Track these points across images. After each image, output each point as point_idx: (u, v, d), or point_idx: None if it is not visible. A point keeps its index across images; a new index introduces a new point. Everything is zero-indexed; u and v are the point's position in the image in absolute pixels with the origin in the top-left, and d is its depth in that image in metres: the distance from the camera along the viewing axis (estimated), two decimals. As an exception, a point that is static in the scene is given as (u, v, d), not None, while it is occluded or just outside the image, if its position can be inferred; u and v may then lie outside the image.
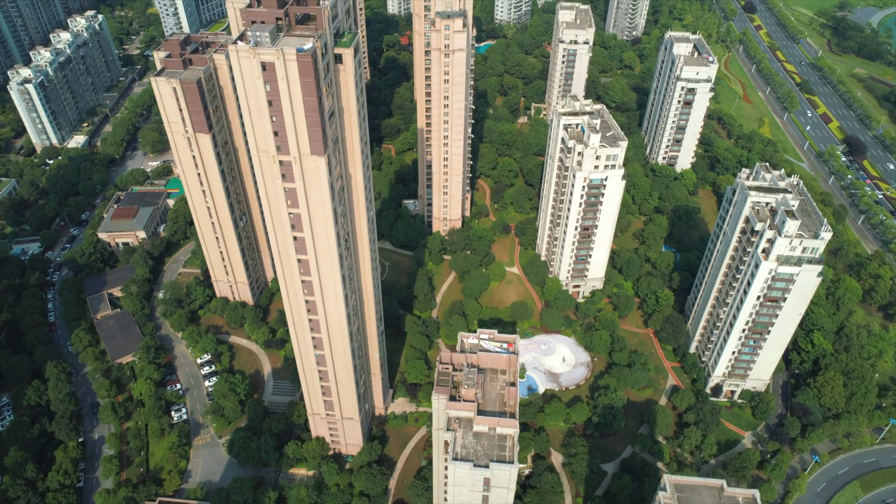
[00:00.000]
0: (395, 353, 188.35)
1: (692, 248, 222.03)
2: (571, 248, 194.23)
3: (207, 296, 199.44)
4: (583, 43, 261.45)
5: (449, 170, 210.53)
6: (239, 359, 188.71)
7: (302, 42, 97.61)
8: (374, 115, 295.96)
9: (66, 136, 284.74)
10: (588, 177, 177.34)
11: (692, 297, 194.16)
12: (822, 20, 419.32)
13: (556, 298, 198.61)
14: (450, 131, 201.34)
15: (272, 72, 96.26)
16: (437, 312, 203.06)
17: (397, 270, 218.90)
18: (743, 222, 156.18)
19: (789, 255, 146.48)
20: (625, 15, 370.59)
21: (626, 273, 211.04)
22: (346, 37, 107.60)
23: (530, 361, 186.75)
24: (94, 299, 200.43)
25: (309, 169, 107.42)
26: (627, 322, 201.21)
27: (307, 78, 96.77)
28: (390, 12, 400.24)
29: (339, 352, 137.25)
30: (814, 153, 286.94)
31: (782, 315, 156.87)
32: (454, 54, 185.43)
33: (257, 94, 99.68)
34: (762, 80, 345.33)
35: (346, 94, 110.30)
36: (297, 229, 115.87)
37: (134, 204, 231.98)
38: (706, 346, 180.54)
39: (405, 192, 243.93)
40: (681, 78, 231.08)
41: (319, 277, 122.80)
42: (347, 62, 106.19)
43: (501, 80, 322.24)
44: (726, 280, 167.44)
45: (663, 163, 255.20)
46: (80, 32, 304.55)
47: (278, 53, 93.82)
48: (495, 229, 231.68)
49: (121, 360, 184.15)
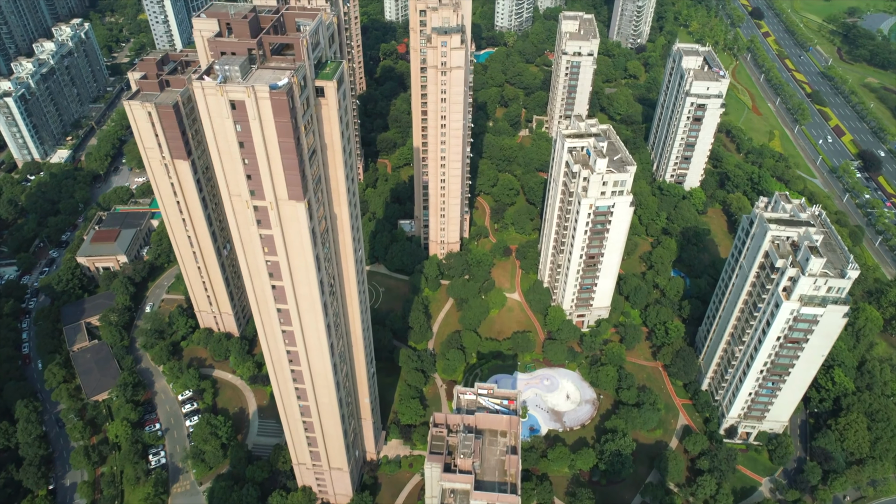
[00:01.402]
0: (388, 389, 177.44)
1: (702, 272, 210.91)
2: (576, 276, 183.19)
3: (190, 326, 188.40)
4: (587, 55, 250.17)
5: (446, 192, 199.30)
6: (223, 395, 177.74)
7: (277, 76, 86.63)
8: (369, 128, 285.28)
9: (49, 151, 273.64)
10: (594, 204, 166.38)
11: (704, 329, 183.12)
12: (832, 27, 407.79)
13: (559, 329, 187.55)
14: (447, 152, 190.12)
15: (242, 111, 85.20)
16: (433, 343, 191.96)
17: (392, 297, 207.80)
18: (762, 257, 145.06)
19: (813, 295, 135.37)
20: (629, 22, 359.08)
21: (633, 301, 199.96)
22: (328, 67, 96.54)
23: (532, 398, 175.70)
24: (70, 329, 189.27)
25: (287, 215, 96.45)
26: (635, 354, 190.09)
27: (282, 118, 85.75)
28: (388, 19, 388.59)
29: (324, 402, 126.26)
30: (827, 168, 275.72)
31: (804, 356, 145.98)
32: (451, 72, 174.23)
33: (226, 135, 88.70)
34: (771, 91, 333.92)
35: (330, 130, 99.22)
36: (275, 278, 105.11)
37: (116, 225, 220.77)
38: (720, 383, 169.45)
39: (401, 212, 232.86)
40: (690, 93, 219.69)
41: (301, 328, 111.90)
42: (330, 96, 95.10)
43: (502, 90, 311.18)
44: (742, 316, 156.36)
45: (671, 181, 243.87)
46: (64, 42, 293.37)
47: (249, 91, 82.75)
48: (495, 252, 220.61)
49: (97, 397, 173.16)
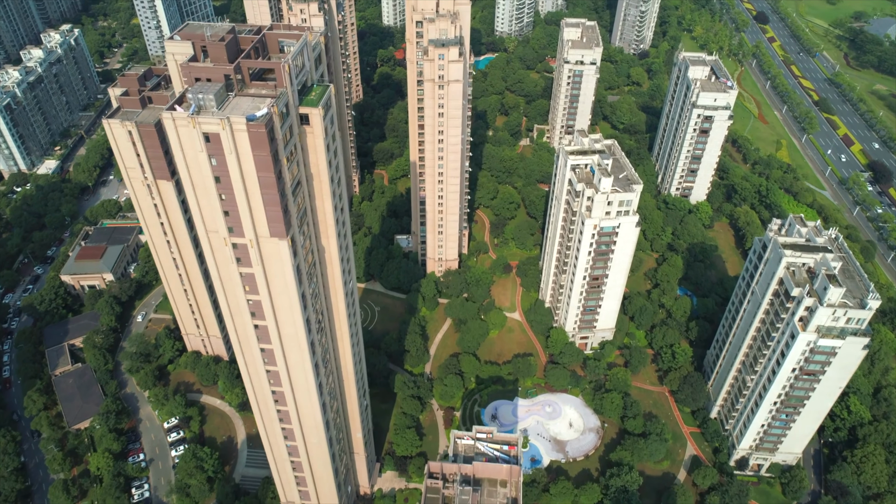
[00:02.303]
0: (383, 417, 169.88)
1: (710, 291, 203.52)
2: (579, 298, 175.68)
3: (177, 349, 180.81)
4: (589, 63, 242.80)
5: (444, 208, 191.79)
6: (210, 423, 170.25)
7: (256, 105, 79.21)
8: (366, 137, 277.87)
9: (36, 161, 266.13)
10: (598, 224, 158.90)
11: (712, 353, 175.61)
12: (838, 32, 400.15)
13: (561, 353, 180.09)
14: (445, 168, 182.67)
15: (217, 144, 77.81)
16: (430, 367, 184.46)
17: (388, 316, 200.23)
18: (776, 284, 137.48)
19: (831, 326, 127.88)
20: (632, 27, 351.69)
21: (638, 321, 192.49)
22: (314, 92, 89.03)
23: (534, 426, 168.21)
24: (53, 352, 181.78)
25: (269, 252, 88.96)
26: (640, 378, 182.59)
27: (261, 151, 78.32)
28: (385, 24, 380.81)
29: (313, 443, 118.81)
30: (836, 180, 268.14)
31: (820, 388, 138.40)
32: (449, 86, 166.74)
33: (201, 169, 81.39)
34: (777, 98, 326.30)
35: (316, 160, 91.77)
36: (257, 317, 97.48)
37: (103, 241, 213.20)
38: (730, 412, 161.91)
39: (398, 227, 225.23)
40: (697, 105, 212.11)
41: (287, 368, 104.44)
42: (315, 124, 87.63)
43: (502, 98, 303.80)
44: (755, 344, 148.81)
45: (676, 194, 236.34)
46: (53, 48, 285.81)
47: (223, 123, 75.31)
48: (495, 269, 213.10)
49: (79, 425, 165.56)
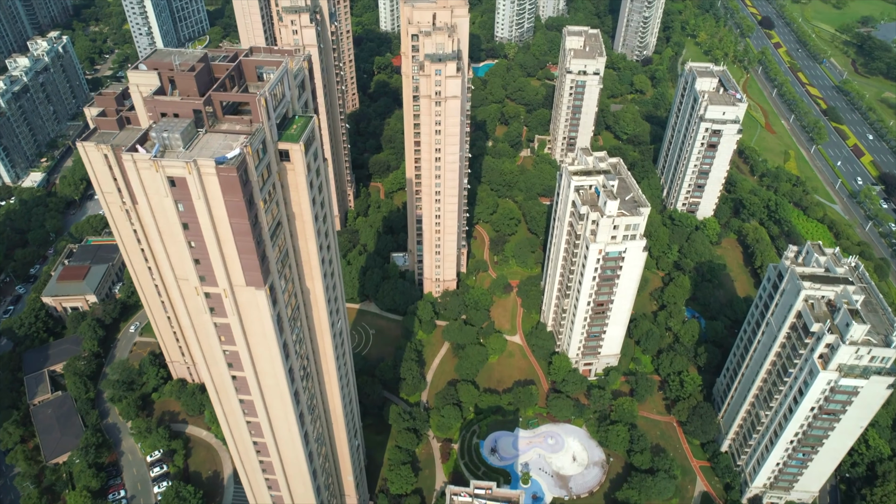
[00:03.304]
0: (377, 449, 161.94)
1: (718, 313, 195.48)
2: (583, 324, 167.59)
3: (162, 377, 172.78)
4: (593, 74, 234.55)
5: (442, 228, 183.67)
6: (196, 456, 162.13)
7: (229, 143, 71.20)
8: (361, 148, 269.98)
9: (21, 174, 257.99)
10: (604, 249, 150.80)
11: (723, 382, 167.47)
12: (845, 37, 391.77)
13: (564, 380, 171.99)
14: (442, 186, 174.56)
15: (184, 188, 69.68)
16: (427, 395, 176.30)
17: (383, 339, 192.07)
18: (794, 317, 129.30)
19: (854, 365, 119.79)
20: (635, 33, 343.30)
21: (644, 346, 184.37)
22: (295, 124, 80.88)
23: (535, 460, 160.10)
24: (32, 379, 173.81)
25: (245, 302, 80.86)
26: (647, 406, 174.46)
27: (233, 196, 70.22)
28: (383, 29, 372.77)
29: (299, 493, 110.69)
30: (846, 193, 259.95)
31: (840, 427, 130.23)
32: (447, 102, 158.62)
33: (167, 215, 73.29)
34: (785, 107, 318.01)
35: (298, 198, 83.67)
36: (235, 368, 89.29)
37: (87, 259, 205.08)
38: (742, 446, 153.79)
39: (394, 244, 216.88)
40: (705, 118, 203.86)
41: (269, 419, 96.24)
42: (296, 160, 79.54)
43: (502, 106, 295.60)
44: (770, 378, 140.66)
45: (683, 209, 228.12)
46: (40, 57, 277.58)
47: (190, 166, 67.18)
48: (494, 289, 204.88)
49: (57, 459, 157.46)
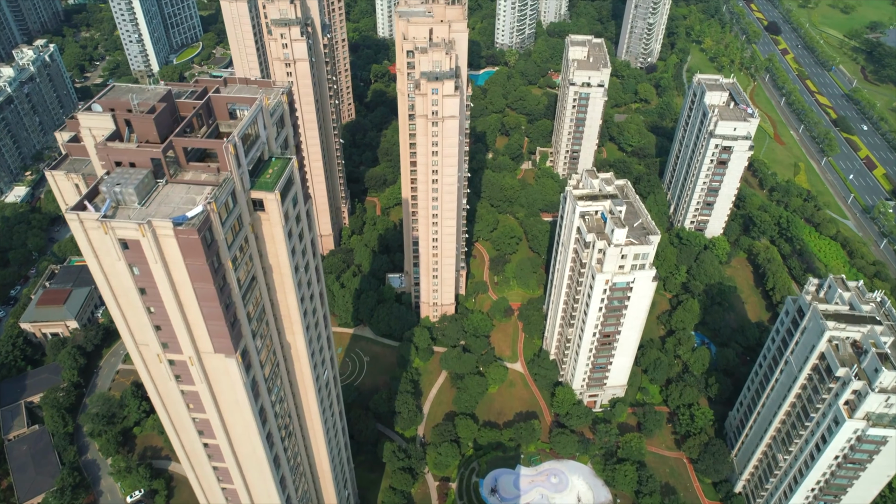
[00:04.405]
0: (370, 488, 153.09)
1: (729, 339, 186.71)
2: (588, 355, 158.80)
3: (144, 410, 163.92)
4: (597, 86, 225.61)
5: (439, 251, 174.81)
6: (179, 496, 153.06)
7: (191, 197, 62.37)
8: (357, 161, 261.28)
9: (5, 188, 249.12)
10: (611, 279, 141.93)
11: (736, 417, 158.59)
12: (854, 43, 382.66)
13: (567, 414, 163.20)
14: (440, 209, 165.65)
15: (138, 251, 60.77)
16: (423, 428, 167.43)
17: (377, 367, 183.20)
18: (816, 358, 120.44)
19: (883, 413, 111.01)
20: (639, 40, 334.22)
21: (652, 375, 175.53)
22: (270, 169, 71.92)
23: (538, 501, 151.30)
24: (8, 412, 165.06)
25: (214, 369, 72.07)
26: (655, 441, 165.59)
27: (196, 259, 61.34)
28: (380, 35, 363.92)
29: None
30: (859, 208, 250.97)
31: (865, 476, 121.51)
32: (444, 122, 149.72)
33: (120, 280, 64.32)
34: (793, 116, 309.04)
35: (274, 250, 74.90)
36: (207, 436, 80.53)
37: (69, 281, 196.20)
38: (758, 488, 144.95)
39: (389, 265, 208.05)
40: (715, 134, 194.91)
41: (247, 486, 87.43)
42: (272, 210, 70.72)
43: (502, 117, 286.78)
44: (788, 420, 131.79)
45: (691, 227, 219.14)
46: (25, 66, 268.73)
47: (143, 228, 58.27)
48: (495, 312, 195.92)
49: (31, 501, 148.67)
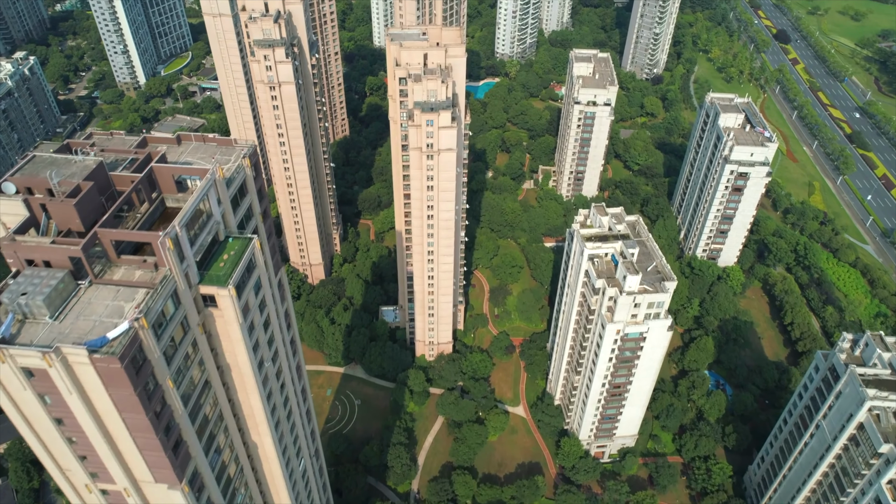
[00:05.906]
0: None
1: (746, 379, 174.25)
2: (596, 405, 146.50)
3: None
4: (603, 104, 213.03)
5: (435, 289, 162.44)
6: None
7: (118, 306, 49.99)
8: (351, 180, 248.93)
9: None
10: (622, 329, 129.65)
11: (756, 472, 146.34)
12: (867, 52, 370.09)
13: (573, 468, 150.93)
14: (435, 245, 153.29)
15: (47, 381, 48.43)
16: (418, 482, 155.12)
17: (369, 411, 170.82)
18: (854, 428, 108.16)
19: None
20: (645, 51, 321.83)
21: (664, 422, 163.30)
22: (225, 254, 59.43)
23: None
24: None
25: (157, 499, 59.75)
26: (669, 497, 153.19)
27: (122, 389, 48.95)
28: (376, 45, 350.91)
29: None
30: (878, 231, 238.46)
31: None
32: (440, 155, 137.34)
33: (31, 409, 51.86)
34: (806, 131, 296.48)
35: (231, 349, 62.57)
36: (154, 562, 68.23)
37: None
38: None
39: (383, 296, 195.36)
40: (730, 160, 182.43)
41: None
42: (225, 307, 58.34)
43: (503, 132, 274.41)
44: (820, 489, 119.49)
45: (703, 256, 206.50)
46: (3, 81, 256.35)
47: (49, 358, 45.88)
48: (495, 349, 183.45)
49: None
